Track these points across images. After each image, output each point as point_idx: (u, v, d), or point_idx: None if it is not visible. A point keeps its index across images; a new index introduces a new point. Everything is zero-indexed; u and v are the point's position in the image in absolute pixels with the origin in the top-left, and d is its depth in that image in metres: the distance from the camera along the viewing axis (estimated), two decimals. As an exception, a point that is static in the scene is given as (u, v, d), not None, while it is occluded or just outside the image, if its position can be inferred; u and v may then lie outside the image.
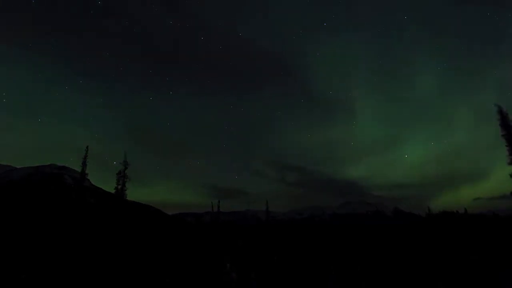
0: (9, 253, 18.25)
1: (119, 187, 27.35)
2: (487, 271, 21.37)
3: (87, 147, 28.15)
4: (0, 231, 22.27)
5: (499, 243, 28.06)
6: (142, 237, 29.83)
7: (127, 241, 24.77)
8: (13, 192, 56.43)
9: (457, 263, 23.90)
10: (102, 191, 75.23)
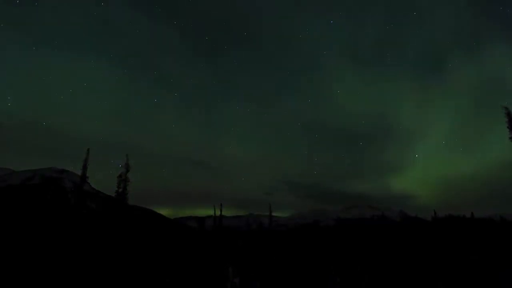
0: (9, 257, 17.86)
1: (120, 190, 26.80)
2: (487, 271, 21.12)
3: (87, 150, 27.62)
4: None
5: (502, 246, 27.71)
6: (143, 242, 29.31)
7: (127, 246, 24.31)
8: (12, 195, 55.90)
9: (458, 264, 23.62)
10: (103, 195, 74.47)
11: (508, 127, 27.00)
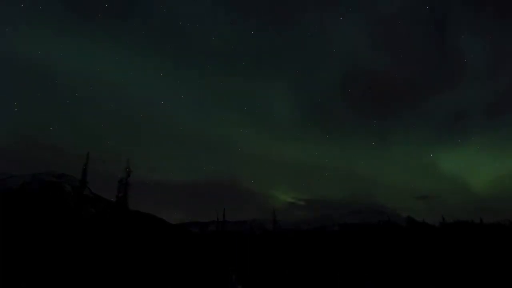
0: (9, 262, 17.65)
1: (121, 195, 26.41)
2: (491, 274, 20.77)
3: (87, 154, 27.17)
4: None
5: (508, 251, 27.38)
6: (144, 248, 28.78)
7: (128, 251, 23.90)
8: (9, 200, 55.04)
9: (466, 270, 23.23)
10: (103, 199, 73.68)
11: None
